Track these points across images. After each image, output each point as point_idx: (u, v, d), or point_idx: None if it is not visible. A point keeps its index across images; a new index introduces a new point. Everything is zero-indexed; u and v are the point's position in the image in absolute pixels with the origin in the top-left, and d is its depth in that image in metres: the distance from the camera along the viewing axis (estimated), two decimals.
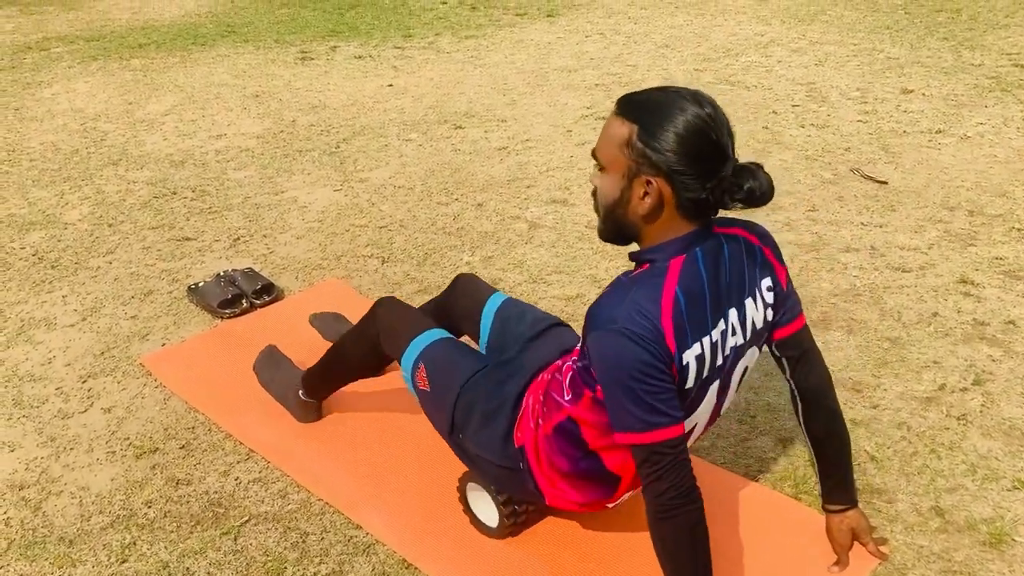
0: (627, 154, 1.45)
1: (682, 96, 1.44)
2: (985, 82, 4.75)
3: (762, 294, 1.60)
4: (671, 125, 1.41)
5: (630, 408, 1.45)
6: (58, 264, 3.19)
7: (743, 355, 1.61)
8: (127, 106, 4.91)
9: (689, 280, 1.48)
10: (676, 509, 1.48)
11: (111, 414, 2.37)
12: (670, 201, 1.46)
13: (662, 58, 5.46)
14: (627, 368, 1.42)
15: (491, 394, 1.79)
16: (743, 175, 1.42)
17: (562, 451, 1.66)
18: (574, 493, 1.71)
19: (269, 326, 2.72)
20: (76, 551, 1.92)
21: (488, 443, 1.76)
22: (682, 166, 1.42)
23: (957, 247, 3.07)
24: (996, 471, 2.05)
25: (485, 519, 1.88)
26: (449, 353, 1.90)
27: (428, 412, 1.91)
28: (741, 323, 1.57)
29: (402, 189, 3.71)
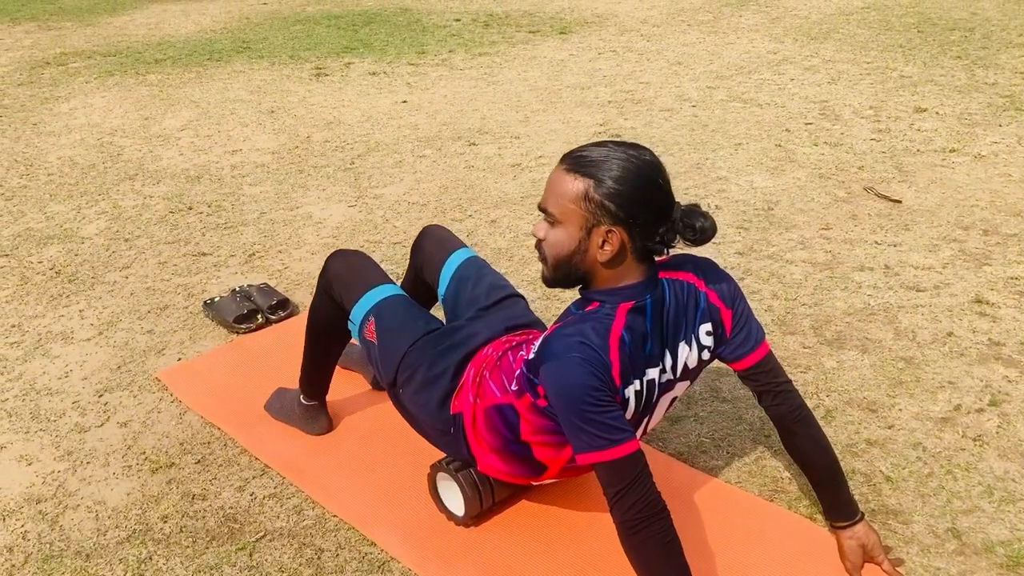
0: (584, 207, 1.54)
1: (626, 149, 1.56)
2: (999, 101, 4.75)
3: (698, 338, 1.70)
4: (624, 177, 1.52)
5: (588, 429, 1.52)
6: (75, 278, 3.21)
7: (671, 389, 1.73)
8: (143, 121, 4.96)
9: (634, 325, 1.59)
10: (644, 522, 1.54)
11: (127, 428, 2.38)
12: (628, 247, 1.57)
13: (675, 75, 5.48)
14: (582, 392, 1.51)
15: (434, 361, 1.88)
16: (692, 216, 1.55)
17: (495, 429, 1.77)
18: (502, 465, 1.82)
19: (284, 341, 2.73)
20: (93, 565, 1.93)
21: (424, 405, 1.88)
22: (638, 214, 1.54)
23: (972, 266, 3.06)
24: (1013, 493, 2.04)
25: (452, 508, 1.97)
26: (400, 311, 1.98)
27: (371, 359, 1.99)
28: (673, 365, 1.69)
29: (416, 205, 3.73)
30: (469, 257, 2.12)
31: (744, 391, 2.41)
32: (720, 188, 3.76)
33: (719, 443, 2.24)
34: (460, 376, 1.86)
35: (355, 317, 2.01)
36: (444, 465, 1.96)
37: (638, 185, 1.53)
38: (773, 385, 1.79)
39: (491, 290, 2.04)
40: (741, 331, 1.74)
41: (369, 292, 2.01)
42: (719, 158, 4.10)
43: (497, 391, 1.75)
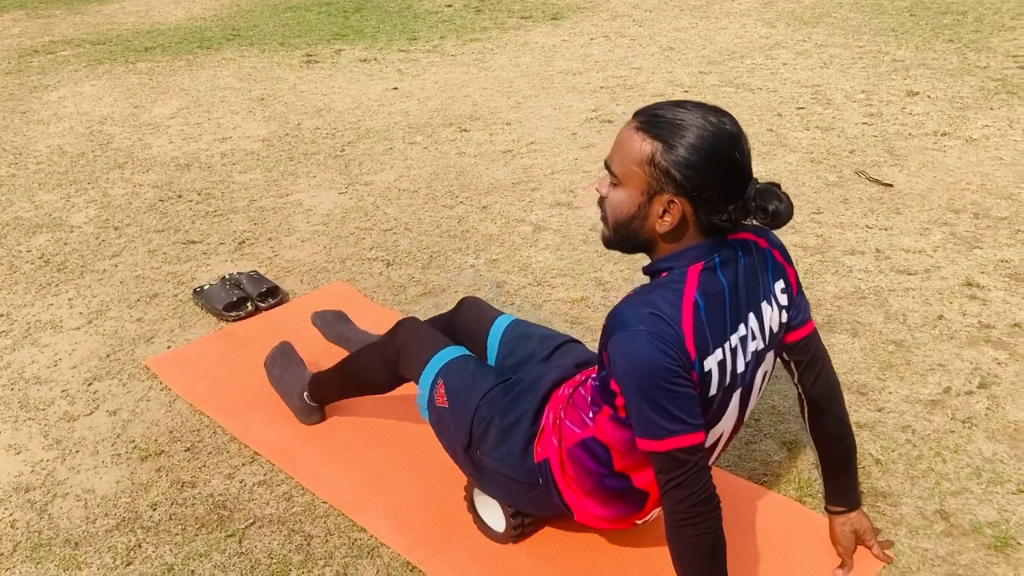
0: (648, 172, 1.43)
1: (706, 115, 1.41)
2: (991, 84, 4.74)
3: (776, 297, 1.58)
4: (697, 146, 1.39)
5: (649, 414, 1.42)
6: (64, 267, 3.20)
7: (763, 360, 1.59)
8: (133, 109, 4.93)
9: (708, 286, 1.46)
10: (694, 517, 1.45)
11: (116, 417, 2.38)
12: (691, 220, 1.45)
13: (667, 61, 5.46)
14: (647, 372, 1.40)
15: (508, 408, 1.75)
16: (767, 197, 1.41)
17: (586, 467, 1.62)
18: (600, 509, 1.67)
19: (274, 329, 2.72)
20: (82, 553, 1.93)
21: (506, 457, 1.72)
22: (707, 188, 1.40)
23: (962, 250, 3.06)
24: (1001, 474, 2.04)
25: (492, 524, 1.88)
26: (468, 369, 1.86)
27: (442, 431, 1.86)
28: (760, 328, 1.55)
29: (407, 192, 3.72)
30: (512, 321, 2.02)
31: None
32: None
33: None
34: (539, 420, 1.72)
35: (423, 387, 1.88)
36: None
37: (711, 156, 1.38)
38: (818, 360, 1.70)
39: (545, 340, 1.94)
40: (800, 297, 1.65)
41: (435, 358, 1.89)
42: None
43: (577, 427, 1.62)
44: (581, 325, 2.71)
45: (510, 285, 2.95)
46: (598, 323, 2.71)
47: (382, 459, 2.15)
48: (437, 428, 1.87)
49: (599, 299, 2.85)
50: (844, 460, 1.79)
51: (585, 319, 2.74)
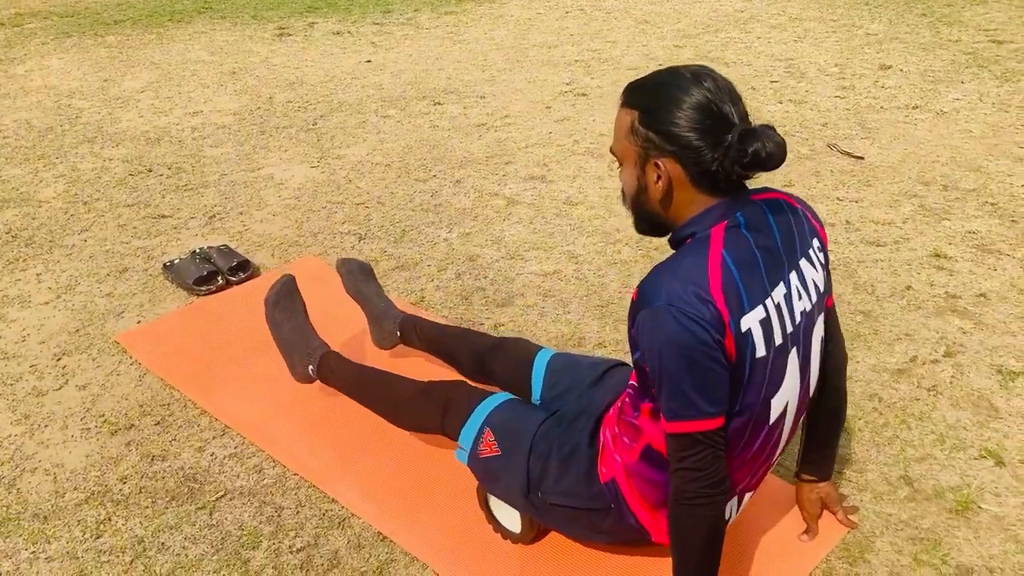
0: (634, 141, 1.43)
1: (681, 73, 1.41)
2: (962, 58, 4.77)
3: (815, 254, 1.53)
4: (669, 104, 1.38)
5: (672, 395, 1.38)
6: (32, 242, 3.16)
7: (815, 322, 1.52)
8: (102, 83, 4.86)
9: (735, 243, 1.40)
10: (700, 499, 1.42)
11: (86, 391, 2.36)
12: (682, 179, 1.41)
13: (642, 34, 5.44)
14: (669, 351, 1.35)
15: (564, 438, 1.67)
16: (747, 139, 1.35)
17: (650, 478, 1.56)
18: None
19: (244, 303, 2.71)
20: (50, 527, 1.92)
21: (572, 488, 1.63)
22: (685, 141, 1.38)
23: (931, 221, 3.09)
24: (964, 440, 2.08)
25: (508, 525, 1.82)
26: (513, 412, 1.78)
27: (494, 480, 1.76)
28: (803, 285, 1.48)
29: (380, 166, 3.70)
30: (554, 354, 1.95)
31: None
32: None
33: None
34: (596, 441, 1.65)
35: (466, 440, 1.79)
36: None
37: (685, 110, 1.36)
38: (835, 332, 1.67)
39: (593, 367, 1.87)
40: (828, 263, 1.60)
41: (479, 407, 1.81)
42: None
43: (632, 440, 1.56)
44: (553, 298, 2.71)
45: (483, 259, 2.95)
46: (570, 295, 2.72)
47: (352, 432, 2.15)
48: (486, 479, 1.78)
49: (572, 272, 2.85)
50: (831, 435, 1.78)
51: (558, 291, 2.75)
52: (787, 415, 1.52)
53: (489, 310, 2.67)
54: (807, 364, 1.52)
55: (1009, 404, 2.19)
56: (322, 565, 1.80)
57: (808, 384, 1.55)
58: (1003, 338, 2.44)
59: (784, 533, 1.82)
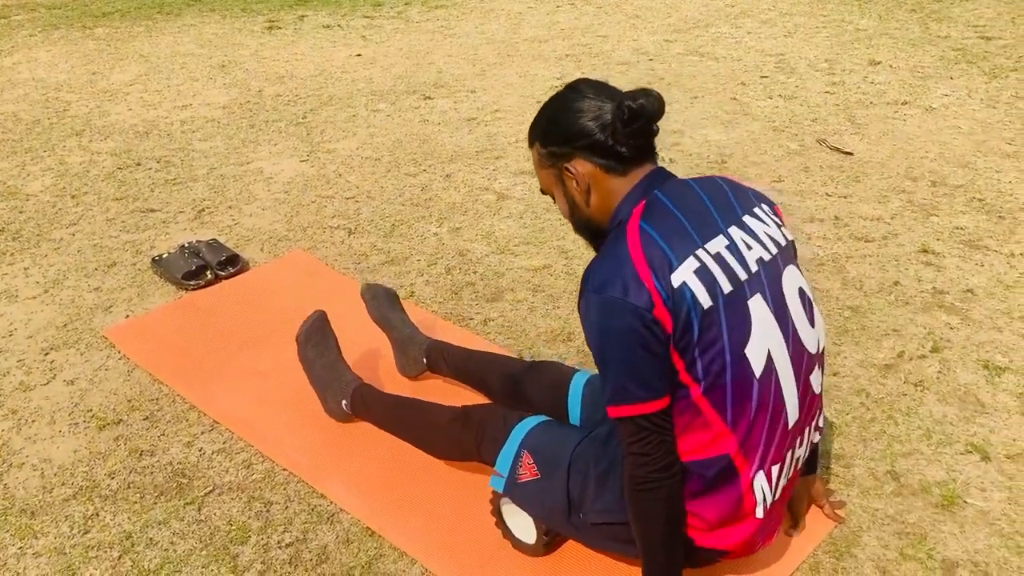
0: (546, 167, 1.56)
1: (557, 94, 1.55)
2: (951, 54, 4.78)
3: (764, 214, 1.54)
4: (549, 118, 1.53)
5: (609, 377, 1.42)
6: (20, 236, 3.14)
7: (782, 271, 1.50)
8: (90, 76, 4.83)
9: (653, 213, 1.44)
10: (653, 483, 1.44)
11: (74, 386, 2.35)
12: (594, 171, 1.50)
13: (632, 29, 5.44)
14: (607, 336, 1.40)
15: (599, 456, 1.64)
16: (621, 104, 1.44)
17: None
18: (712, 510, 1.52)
19: (234, 298, 2.70)
20: (38, 523, 1.91)
21: (612, 504, 1.59)
22: (575, 132, 1.49)
23: (919, 217, 3.10)
24: (950, 436, 2.09)
25: (522, 536, 1.79)
26: (551, 433, 1.75)
27: (533, 504, 1.72)
28: (752, 236, 1.49)
29: (370, 160, 3.69)
30: (588, 376, 1.92)
31: None
32: (675, 142, 3.76)
33: None
34: None
35: (503, 466, 1.75)
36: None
37: (561, 114, 1.51)
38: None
39: None
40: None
41: (514, 430, 1.77)
42: (674, 111, 4.09)
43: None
44: (543, 293, 2.72)
45: (473, 253, 2.95)
46: (560, 290, 2.72)
47: (341, 427, 2.15)
48: (525, 503, 1.73)
49: (562, 267, 2.86)
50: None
51: (548, 287, 2.75)
52: (777, 366, 1.46)
53: (479, 305, 2.67)
54: (783, 311, 1.48)
55: (995, 399, 2.21)
56: (311, 560, 1.80)
57: (796, 331, 1.50)
58: (989, 333, 2.46)
59: None
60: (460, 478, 1.98)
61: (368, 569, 1.77)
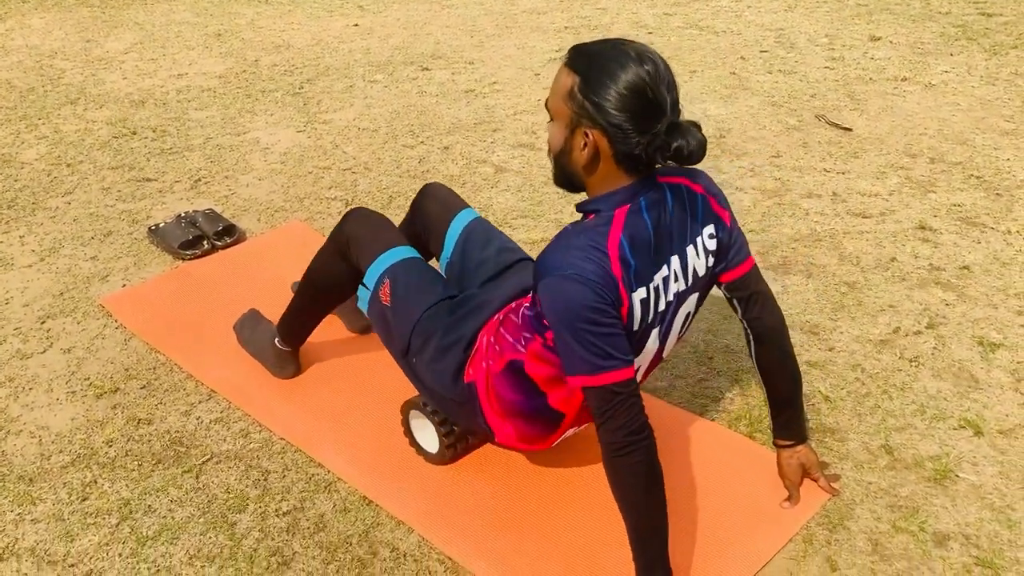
0: (570, 105, 1.49)
1: (627, 51, 1.46)
2: (952, 30, 4.76)
3: (704, 242, 1.64)
4: (610, 80, 1.44)
5: (581, 352, 1.47)
6: (15, 204, 3.13)
7: (684, 301, 1.65)
8: (85, 44, 4.79)
9: (633, 228, 1.51)
10: (630, 447, 1.50)
11: (71, 354, 2.35)
12: (607, 153, 1.49)
13: (631, 1, 5.40)
14: (578, 311, 1.45)
15: (449, 329, 1.79)
16: (674, 134, 1.44)
17: (509, 388, 1.70)
18: (519, 429, 1.75)
19: (230, 268, 2.70)
20: (36, 489, 1.92)
21: (440, 376, 1.79)
22: (617, 121, 1.45)
23: (917, 194, 3.10)
24: (944, 411, 2.11)
25: (426, 446, 1.94)
26: (417, 275, 1.89)
27: (381, 328, 1.90)
28: (683, 270, 1.61)
29: (367, 131, 3.67)
30: (474, 219, 2.03)
31: None
32: None
33: (663, 365, 2.27)
34: (473, 346, 1.78)
35: (370, 280, 1.90)
36: (418, 403, 1.92)
37: (623, 92, 1.43)
38: (760, 295, 1.76)
39: (499, 254, 1.96)
40: (737, 239, 1.71)
41: (386, 253, 1.90)
42: None
43: (506, 351, 1.68)
44: None
45: None
46: None
47: (337, 398, 2.15)
48: (378, 325, 1.91)
49: None
50: (790, 395, 1.84)
51: None
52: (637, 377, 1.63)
53: None
54: (666, 337, 1.66)
55: (989, 375, 2.22)
56: (308, 528, 1.81)
57: (663, 351, 1.70)
58: (985, 310, 2.47)
59: (765, 500, 1.85)
60: None
61: (365, 537, 1.79)
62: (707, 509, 1.84)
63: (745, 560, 1.72)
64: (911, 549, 1.75)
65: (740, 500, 1.86)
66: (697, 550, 1.74)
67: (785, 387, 1.83)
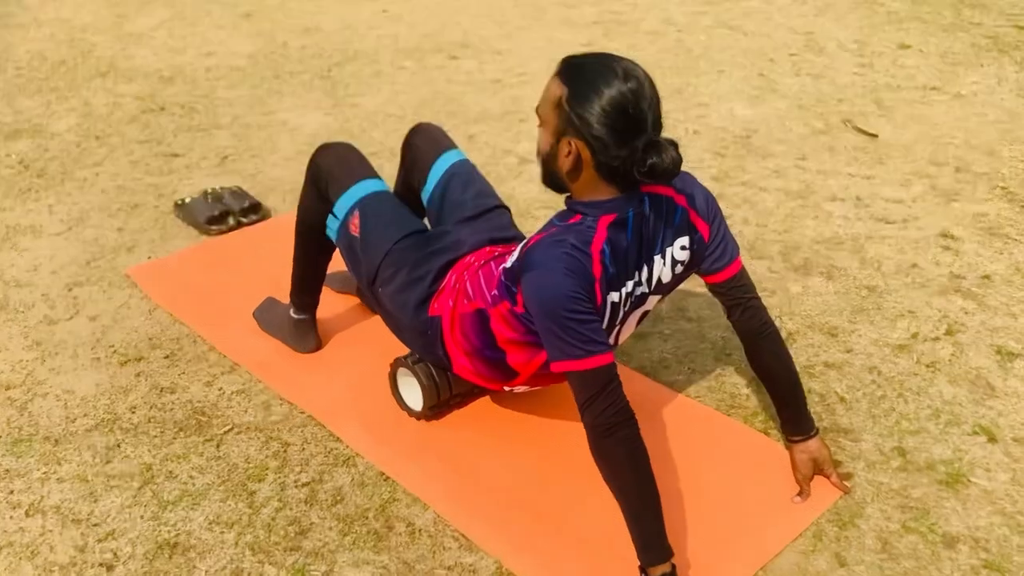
0: (557, 114, 1.57)
1: (613, 68, 1.54)
2: (983, 41, 4.74)
3: (673, 253, 1.72)
4: (595, 95, 1.52)
5: (566, 339, 1.55)
6: (44, 173, 3.17)
7: (644, 302, 1.75)
8: (116, 19, 4.83)
9: (615, 238, 1.60)
10: (614, 427, 1.56)
11: (96, 322, 2.39)
12: (589, 163, 1.57)
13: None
14: (563, 302, 1.53)
15: (417, 263, 1.89)
16: (650, 151, 1.53)
17: (472, 334, 1.79)
18: (476, 367, 1.85)
19: (255, 244, 2.73)
20: (61, 450, 1.96)
21: (403, 305, 1.89)
22: (598, 134, 1.53)
23: (941, 202, 3.10)
24: (959, 416, 2.11)
25: (411, 404, 2.01)
26: (387, 208, 1.98)
27: (350, 258, 1.99)
28: (648, 278, 1.71)
29: (393, 117, 3.70)
30: (460, 160, 2.11)
31: (709, 311, 2.45)
32: (700, 114, 3.75)
33: (681, 359, 2.29)
34: (440, 281, 1.88)
35: (339, 210, 1.99)
36: (404, 360, 1.99)
37: (606, 108, 1.52)
38: (744, 300, 1.82)
39: (478, 197, 2.04)
40: (718, 246, 1.77)
41: (356, 185, 1.99)
42: (701, 84, 4.08)
43: (476, 298, 1.77)
44: None
45: None
46: None
47: (359, 372, 2.18)
48: (345, 253, 2.00)
49: None
50: (789, 393, 1.89)
51: None
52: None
53: None
54: (620, 334, 1.77)
55: (1006, 384, 2.23)
56: (326, 500, 1.84)
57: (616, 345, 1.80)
58: (1004, 320, 2.47)
59: (777, 495, 1.86)
60: (475, 422, 2.02)
61: (382, 512, 1.81)
62: (720, 501, 1.85)
63: (755, 551, 1.74)
64: (920, 549, 1.76)
65: (752, 493, 1.87)
66: (708, 540, 1.75)
67: (780, 387, 1.89)
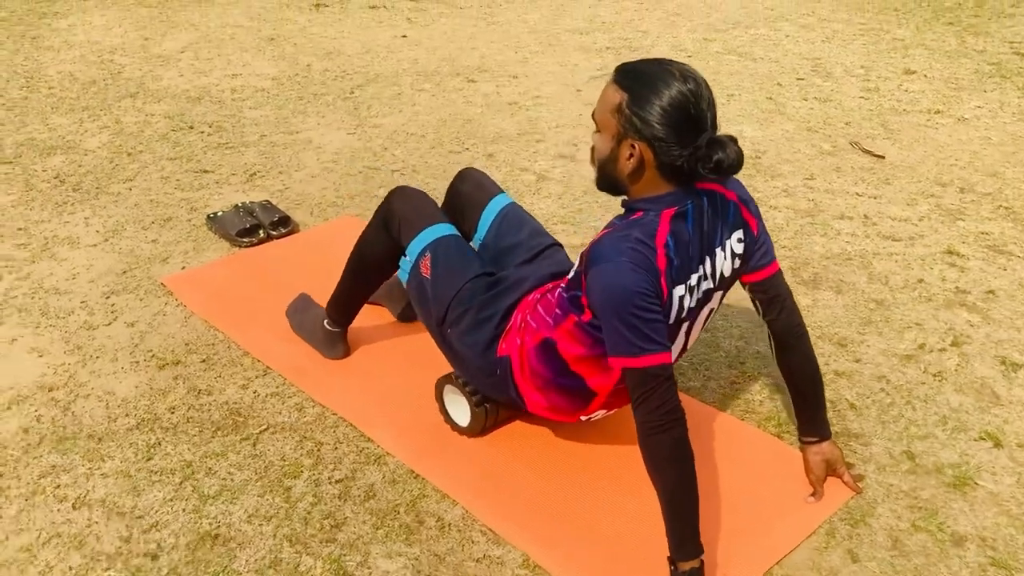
0: (617, 119, 1.64)
1: (671, 70, 1.61)
2: (986, 68, 4.86)
3: (732, 246, 1.78)
4: (656, 97, 1.59)
5: (627, 334, 1.60)
6: (80, 187, 3.28)
7: (710, 299, 1.80)
8: (143, 41, 4.98)
9: (677, 230, 1.66)
10: (665, 425, 1.61)
11: (134, 328, 2.49)
12: (651, 164, 1.64)
13: (672, 26, 5.54)
14: (629, 296, 1.58)
15: (485, 304, 1.95)
16: (714, 147, 1.58)
17: (544, 364, 1.84)
18: (551, 400, 1.90)
19: (285, 256, 2.83)
20: (104, 447, 2.05)
21: (472, 346, 1.95)
22: (662, 135, 1.60)
23: (946, 221, 3.20)
24: (965, 423, 2.20)
25: (459, 420, 2.07)
26: (457, 251, 2.05)
27: (418, 298, 2.05)
28: (712, 271, 1.76)
29: (414, 136, 3.81)
30: (509, 203, 2.18)
31: (722, 322, 2.54)
32: None
33: (697, 367, 2.38)
34: (508, 321, 1.93)
35: (411, 252, 2.05)
36: (452, 379, 2.05)
37: (667, 109, 1.58)
38: (781, 298, 1.89)
39: (532, 237, 2.11)
40: (764, 242, 1.84)
41: (428, 229, 2.05)
42: None
43: (540, 328, 1.82)
44: None
45: None
46: None
47: (385, 377, 2.27)
48: (415, 296, 2.06)
49: None
50: (812, 394, 1.96)
51: None
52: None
53: None
54: (691, 330, 1.81)
55: (1010, 393, 2.31)
56: (359, 496, 1.92)
57: (687, 344, 1.84)
58: (1008, 332, 2.55)
59: (791, 495, 1.94)
60: (504, 430, 2.10)
61: (412, 507, 1.90)
62: (736, 501, 1.93)
63: (770, 548, 1.82)
64: (929, 547, 1.84)
65: (767, 494, 1.95)
66: (725, 536, 1.83)
67: (806, 388, 1.96)
